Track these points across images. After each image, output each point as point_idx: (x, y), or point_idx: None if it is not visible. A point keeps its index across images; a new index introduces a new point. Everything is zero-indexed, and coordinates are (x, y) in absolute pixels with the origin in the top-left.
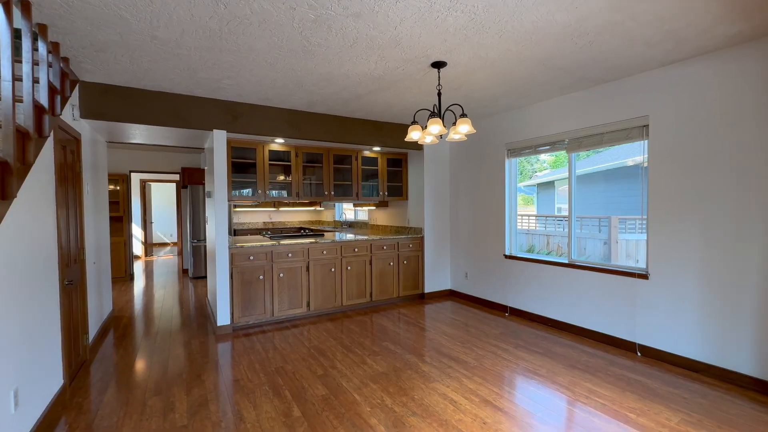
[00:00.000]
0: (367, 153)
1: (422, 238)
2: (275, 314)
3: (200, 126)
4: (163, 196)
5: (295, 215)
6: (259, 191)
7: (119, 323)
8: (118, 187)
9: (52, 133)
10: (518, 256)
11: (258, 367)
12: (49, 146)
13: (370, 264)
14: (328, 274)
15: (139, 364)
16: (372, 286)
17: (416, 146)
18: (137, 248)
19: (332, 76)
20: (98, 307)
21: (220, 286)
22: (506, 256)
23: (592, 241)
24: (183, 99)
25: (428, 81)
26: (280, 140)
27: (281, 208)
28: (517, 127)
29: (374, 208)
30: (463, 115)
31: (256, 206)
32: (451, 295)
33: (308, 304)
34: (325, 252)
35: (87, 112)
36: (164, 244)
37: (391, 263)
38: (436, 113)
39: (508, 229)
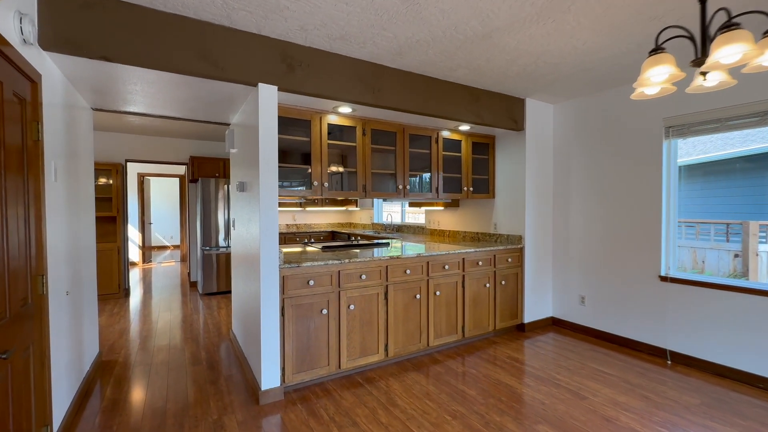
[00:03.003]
0: (446, 134)
1: (522, 249)
2: (343, 366)
3: (239, 76)
4: (163, 192)
5: (322, 216)
6: (315, 183)
7: (108, 376)
8: (111, 180)
9: None
10: (687, 279)
11: None
12: None
13: (463, 286)
14: (412, 303)
15: None
16: (465, 317)
17: (513, 125)
18: (133, 253)
19: None
20: (75, 358)
21: (266, 329)
22: (663, 278)
23: (714, 252)
24: (215, 31)
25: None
26: (345, 109)
27: (308, 208)
28: (688, 93)
29: (442, 208)
30: None
31: (279, 205)
32: (554, 324)
33: (386, 348)
34: (408, 271)
35: (56, 40)
36: (163, 247)
37: (487, 284)
38: (724, 27)
39: (665, 241)
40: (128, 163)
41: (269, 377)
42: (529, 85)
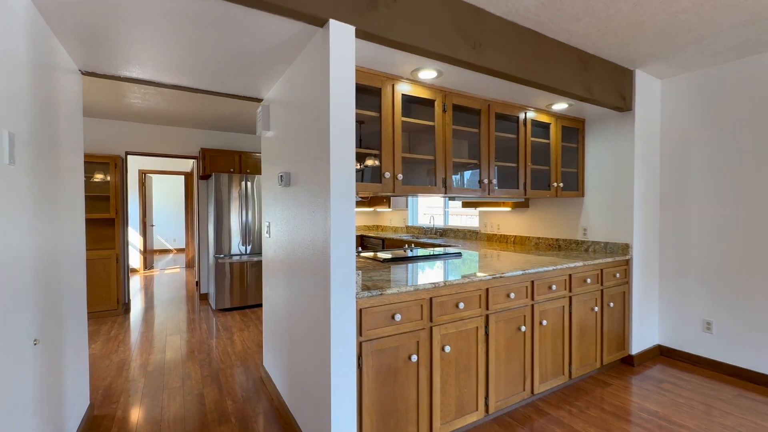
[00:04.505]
0: (531, 115)
1: (628, 261)
2: (435, 431)
3: (301, 5)
4: (166, 190)
5: None
6: (386, 175)
7: None
8: (109, 177)
9: None
10: None
11: None
12: None
13: (569, 311)
14: (515, 338)
15: None
16: (572, 353)
17: (621, 103)
18: (134, 258)
19: None
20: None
21: (338, 390)
22: None
23: None
24: None
25: None
26: (428, 73)
27: None
28: None
29: (508, 209)
30: None
31: None
32: (661, 355)
33: (486, 401)
34: (512, 295)
35: None
36: (166, 251)
37: (595, 308)
38: None
39: None
40: (129, 157)
41: None
42: (655, 49)
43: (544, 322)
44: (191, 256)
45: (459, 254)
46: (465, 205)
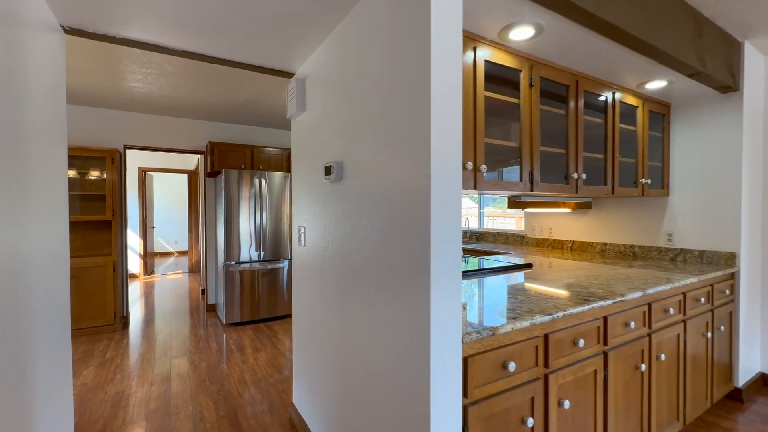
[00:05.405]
0: (618, 95)
1: (734, 274)
2: None
3: None
4: (167, 189)
5: None
6: (468, 165)
7: None
8: (105, 174)
9: None
10: None
11: None
12: None
13: (684, 339)
14: (632, 379)
15: None
16: (686, 390)
17: (729, 81)
18: (133, 262)
19: None
20: None
21: None
22: None
23: None
24: None
25: None
26: (522, 33)
27: None
28: None
29: (567, 210)
30: None
31: None
32: (765, 385)
33: None
34: (632, 324)
35: None
36: (167, 254)
37: (708, 333)
38: None
39: None
40: (128, 151)
41: None
42: None
43: (662, 357)
44: (195, 260)
45: (529, 266)
46: (512, 205)
